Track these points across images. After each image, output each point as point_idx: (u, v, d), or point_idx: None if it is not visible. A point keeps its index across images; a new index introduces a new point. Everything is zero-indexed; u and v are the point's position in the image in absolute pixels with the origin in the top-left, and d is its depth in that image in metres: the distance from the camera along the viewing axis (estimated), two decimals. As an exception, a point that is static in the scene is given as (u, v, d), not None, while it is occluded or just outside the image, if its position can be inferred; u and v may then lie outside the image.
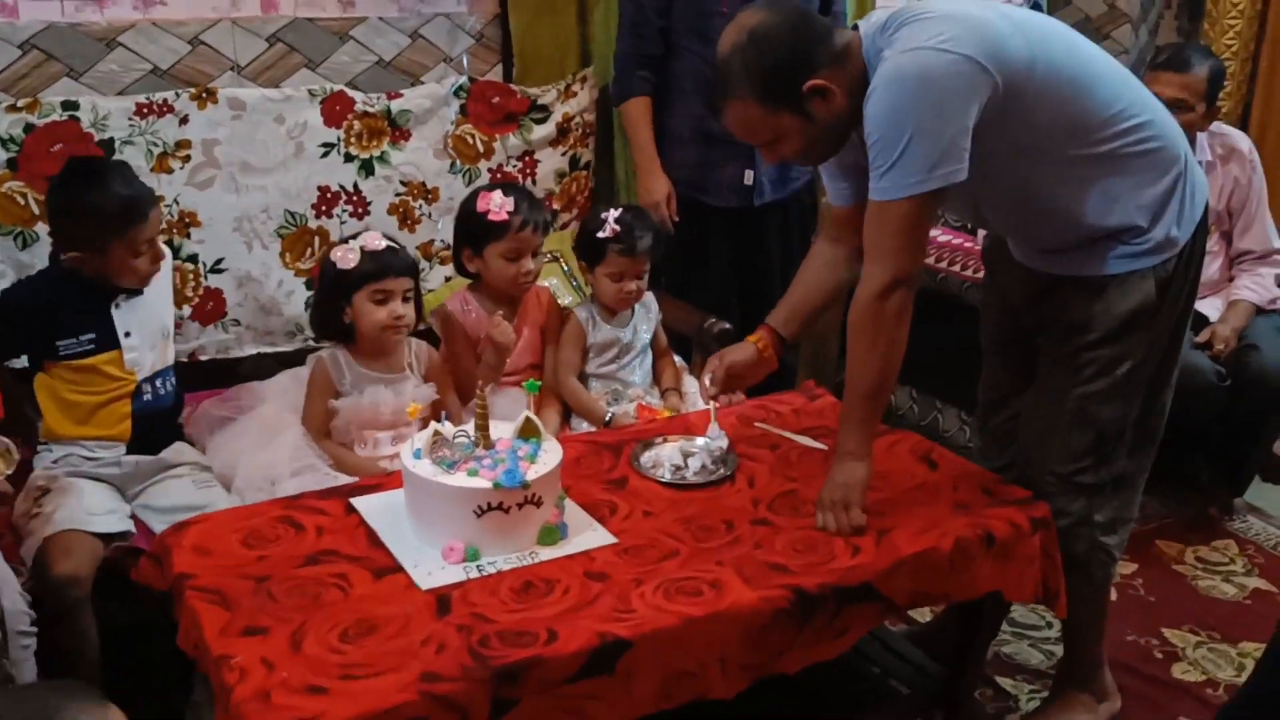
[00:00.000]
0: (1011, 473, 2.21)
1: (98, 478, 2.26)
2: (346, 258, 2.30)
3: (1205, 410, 2.95)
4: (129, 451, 2.30)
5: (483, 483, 1.82)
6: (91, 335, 2.25)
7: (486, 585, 1.78)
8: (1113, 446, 2.09)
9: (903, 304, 1.88)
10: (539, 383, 2.00)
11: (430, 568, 1.82)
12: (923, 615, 2.58)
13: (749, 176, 2.98)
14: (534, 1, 2.97)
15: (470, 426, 1.92)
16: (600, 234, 2.57)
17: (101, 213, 2.17)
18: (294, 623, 1.68)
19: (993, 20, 1.85)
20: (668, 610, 1.73)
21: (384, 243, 2.35)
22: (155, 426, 2.36)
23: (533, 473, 1.85)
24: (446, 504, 1.84)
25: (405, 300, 2.36)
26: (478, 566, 1.82)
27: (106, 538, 2.15)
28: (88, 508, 2.16)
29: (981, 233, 2.87)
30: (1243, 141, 3.11)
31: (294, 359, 2.83)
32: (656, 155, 2.95)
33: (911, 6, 1.93)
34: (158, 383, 2.37)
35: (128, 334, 2.29)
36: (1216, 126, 3.09)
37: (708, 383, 2.23)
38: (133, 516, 2.25)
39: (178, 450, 2.37)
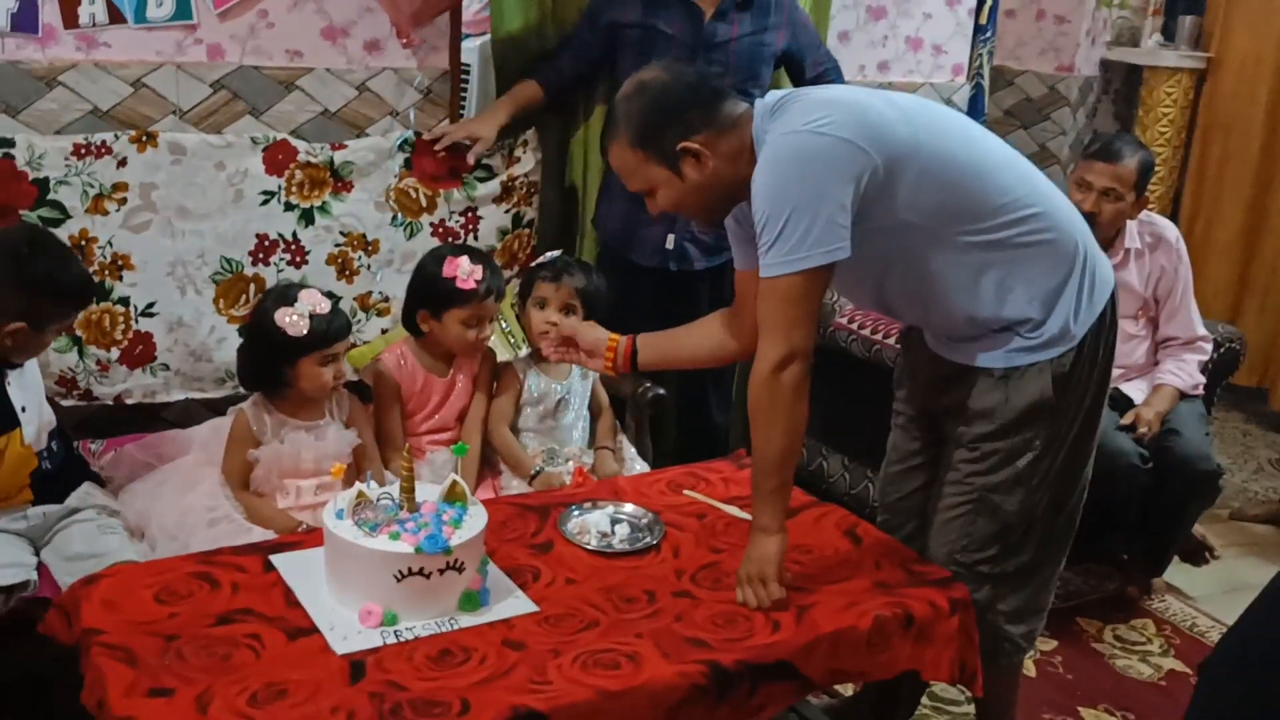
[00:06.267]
0: (912, 546, 2.23)
1: (2, 531, 2.20)
2: (295, 324, 2.28)
3: (1127, 492, 2.99)
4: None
5: (404, 547, 1.80)
6: None
7: (403, 651, 1.76)
8: (1017, 537, 2.11)
9: (798, 379, 1.90)
10: (467, 446, 1.99)
11: (346, 631, 1.79)
12: (844, 688, 2.59)
13: (670, 240, 3.03)
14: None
15: (395, 488, 1.90)
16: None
17: (68, 289, 2.14)
18: (201, 684, 1.65)
19: (874, 104, 1.93)
20: (583, 683, 1.72)
21: (327, 304, 2.33)
22: (56, 483, 2.29)
23: (456, 538, 1.83)
24: (366, 567, 1.82)
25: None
26: (395, 632, 1.80)
27: (7, 590, 2.10)
28: None
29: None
30: (1170, 230, 3.19)
31: (222, 405, 2.79)
32: (500, 113, 2.97)
33: (798, 91, 2.00)
34: (53, 445, 2.30)
35: (24, 408, 2.21)
36: (1145, 215, 3.16)
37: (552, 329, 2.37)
38: (41, 566, 2.19)
39: (84, 494, 2.31)
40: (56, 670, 2.09)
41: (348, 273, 2.88)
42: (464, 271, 2.49)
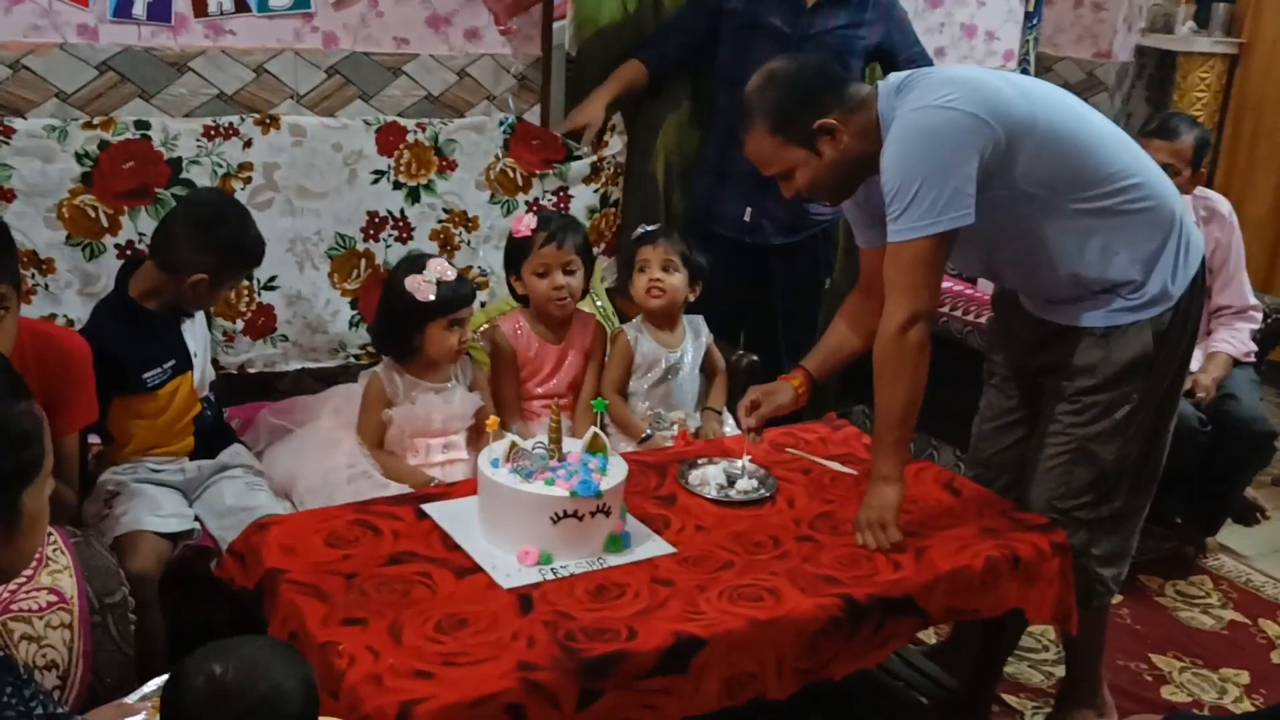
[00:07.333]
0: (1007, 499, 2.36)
1: (163, 484, 2.35)
2: (423, 289, 2.43)
3: (1186, 454, 3.11)
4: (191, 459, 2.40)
5: (560, 491, 1.95)
6: (172, 361, 2.33)
7: (562, 587, 1.91)
8: (1112, 485, 2.27)
9: (921, 337, 2.06)
10: (605, 401, 2.15)
11: (508, 569, 1.94)
12: (928, 637, 2.74)
13: (748, 214, 3.19)
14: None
15: (544, 438, 2.05)
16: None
17: (246, 250, 2.33)
18: (389, 616, 1.79)
19: (995, 82, 2.08)
20: (734, 613, 1.87)
21: (453, 272, 2.48)
22: (211, 437, 2.46)
23: (604, 484, 1.98)
24: (524, 510, 1.96)
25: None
26: (552, 569, 1.95)
27: (173, 538, 2.25)
28: (153, 509, 2.25)
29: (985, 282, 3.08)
30: (1223, 205, 3.33)
31: (333, 375, 2.95)
32: (605, 95, 3.15)
33: (924, 70, 2.16)
34: (211, 397, 2.48)
35: (195, 354, 2.39)
36: (1200, 190, 3.31)
37: (749, 419, 2.39)
38: (196, 518, 2.34)
39: (233, 453, 2.48)
40: (220, 615, 2.25)
41: (449, 248, 3.02)
42: (523, 224, 2.66)
